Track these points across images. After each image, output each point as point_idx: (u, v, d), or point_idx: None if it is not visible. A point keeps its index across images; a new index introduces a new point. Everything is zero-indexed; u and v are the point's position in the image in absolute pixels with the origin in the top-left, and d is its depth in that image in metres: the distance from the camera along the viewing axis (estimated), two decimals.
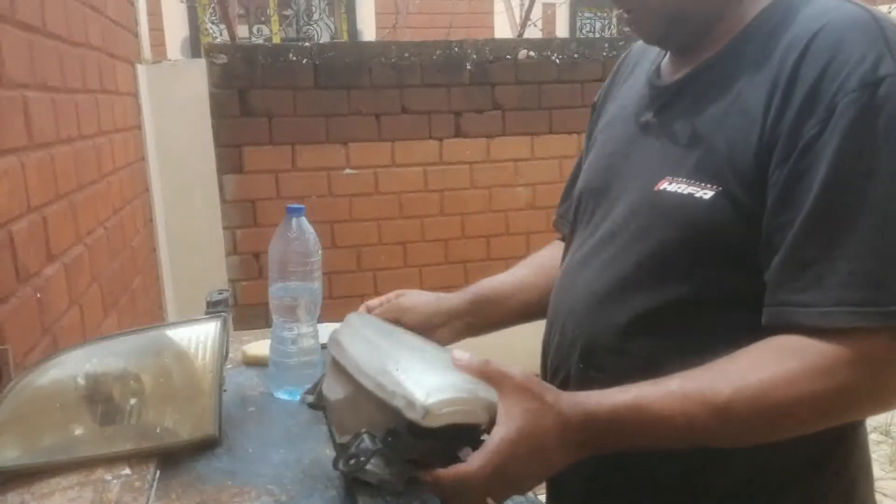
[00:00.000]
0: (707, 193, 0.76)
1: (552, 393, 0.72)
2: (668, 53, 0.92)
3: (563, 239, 1.10)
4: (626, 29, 0.95)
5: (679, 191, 0.79)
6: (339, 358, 0.83)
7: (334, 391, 0.83)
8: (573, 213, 1.01)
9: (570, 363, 0.90)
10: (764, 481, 0.80)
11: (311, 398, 0.91)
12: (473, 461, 0.69)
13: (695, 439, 0.73)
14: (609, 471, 0.84)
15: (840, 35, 0.71)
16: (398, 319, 1.01)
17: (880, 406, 0.73)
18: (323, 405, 0.88)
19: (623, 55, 1.06)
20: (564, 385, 0.90)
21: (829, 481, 0.83)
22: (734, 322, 0.77)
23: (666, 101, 0.87)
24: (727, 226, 0.75)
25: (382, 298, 1.06)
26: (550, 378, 0.94)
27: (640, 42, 0.99)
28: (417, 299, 1.05)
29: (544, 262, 1.10)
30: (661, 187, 0.81)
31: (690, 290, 0.79)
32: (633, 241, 0.84)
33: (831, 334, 0.69)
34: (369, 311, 1.04)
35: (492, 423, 0.71)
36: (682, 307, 0.79)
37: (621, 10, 0.86)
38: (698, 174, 0.78)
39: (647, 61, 0.96)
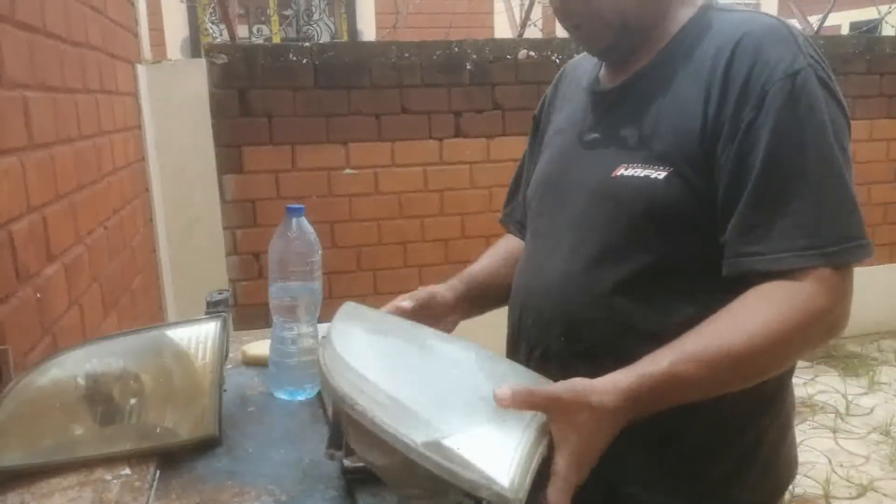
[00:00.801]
0: (661, 174, 0.88)
1: (595, 394, 0.75)
2: (604, 64, 1.04)
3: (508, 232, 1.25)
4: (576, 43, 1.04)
5: (636, 174, 0.90)
6: (356, 417, 0.70)
7: (372, 454, 0.73)
8: (530, 209, 1.11)
9: (548, 339, 0.99)
10: (723, 427, 0.93)
11: (339, 454, 0.83)
12: (554, 496, 0.70)
13: (716, 390, 0.82)
14: None
15: (760, 40, 0.86)
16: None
17: (838, 329, 0.85)
18: (354, 456, 0.81)
19: (560, 72, 1.19)
20: (545, 359, 0.99)
21: (772, 420, 0.97)
22: (697, 283, 0.89)
23: (610, 104, 0.99)
24: (681, 200, 0.87)
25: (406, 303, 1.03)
26: (526, 356, 1.02)
27: (575, 59, 1.15)
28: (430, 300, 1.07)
29: (510, 254, 1.18)
30: (619, 173, 0.92)
31: (657, 258, 0.90)
32: (599, 222, 0.94)
33: (789, 276, 0.81)
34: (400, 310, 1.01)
35: (549, 443, 0.72)
36: (651, 274, 0.90)
37: (570, 26, 0.96)
38: (651, 160, 0.90)
39: (583, 75, 1.09)
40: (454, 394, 0.73)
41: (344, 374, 0.73)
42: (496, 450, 0.66)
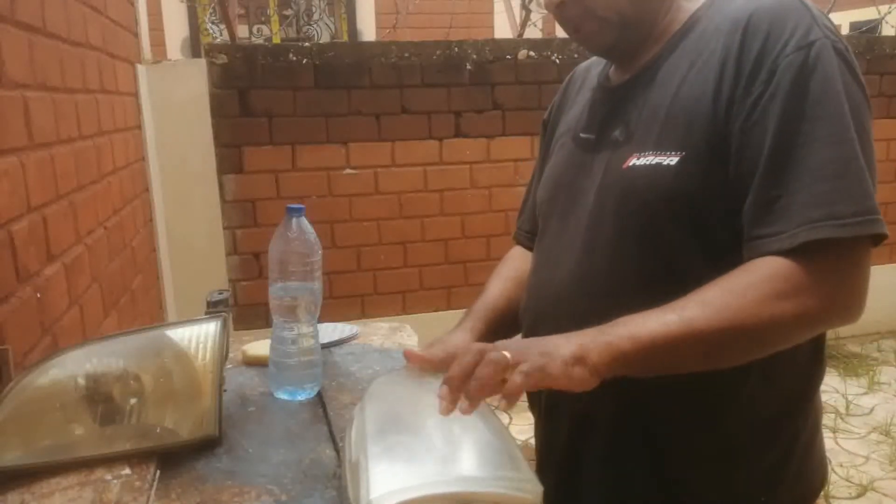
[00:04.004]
0: (673, 160, 0.85)
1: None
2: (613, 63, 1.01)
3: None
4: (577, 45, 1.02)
5: (647, 163, 0.87)
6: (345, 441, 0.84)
7: (347, 455, 0.82)
8: (541, 213, 1.07)
9: None
10: (753, 433, 0.90)
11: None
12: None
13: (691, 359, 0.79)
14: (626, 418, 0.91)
15: (773, 13, 0.82)
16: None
17: (846, 314, 0.80)
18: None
19: (569, 76, 1.16)
20: None
21: (802, 424, 0.94)
22: (715, 272, 0.82)
23: (619, 99, 0.96)
24: (695, 186, 0.84)
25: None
26: None
27: (584, 63, 1.11)
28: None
29: (519, 275, 1.13)
30: (630, 164, 0.89)
31: (676, 251, 0.86)
32: (612, 218, 0.91)
33: (799, 254, 0.77)
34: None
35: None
36: (671, 269, 0.87)
37: (570, 29, 0.94)
38: (662, 145, 0.86)
39: (593, 76, 1.06)
40: (412, 438, 0.77)
41: (358, 416, 0.84)
42: (391, 479, 0.69)
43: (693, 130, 0.84)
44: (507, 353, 0.73)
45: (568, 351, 0.75)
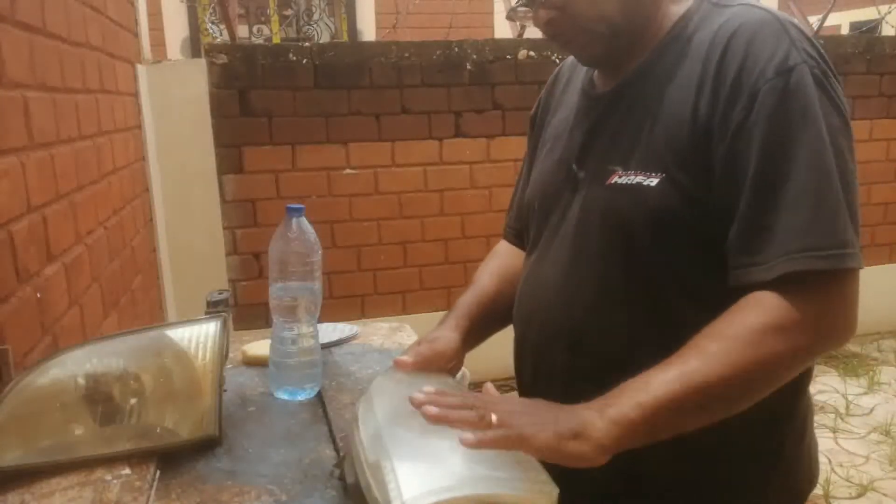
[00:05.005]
0: (653, 181, 0.86)
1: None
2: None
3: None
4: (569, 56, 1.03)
5: (629, 182, 0.88)
6: (355, 439, 0.82)
7: (351, 473, 0.81)
8: (530, 218, 1.07)
9: (553, 353, 0.96)
10: (739, 437, 0.89)
11: (338, 472, 0.90)
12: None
13: (699, 423, 0.78)
14: None
15: (751, 34, 0.83)
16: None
17: (839, 336, 0.80)
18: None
19: (555, 72, 1.17)
20: (550, 377, 0.96)
21: (790, 428, 0.95)
22: (702, 291, 0.86)
23: (603, 109, 0.96)
24: (674, 207, 0.85)
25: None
26: (533, 373, 1.00)
27: (571, 59, 1.10)
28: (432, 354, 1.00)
29: (505, 271, 1.14)
30: (613, 181, 0.90)
31: (657, 267, 0.87)
32: (596, 233, 0.92)
33: (783, 286, 0.77)
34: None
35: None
36: (653, 283, 0.88)
37: (560, 42, 0.93)
38: (644, 164, 0.87)
39: (578, 75, 1.06)
40: (428, 437, 0.76)
41: (365, 413, 0.84)
42: (422, 480, 0.69)
43: (672, 152, 0.85)
44: (494, 417, 0.72)
45: (566, 425, 0.72)
